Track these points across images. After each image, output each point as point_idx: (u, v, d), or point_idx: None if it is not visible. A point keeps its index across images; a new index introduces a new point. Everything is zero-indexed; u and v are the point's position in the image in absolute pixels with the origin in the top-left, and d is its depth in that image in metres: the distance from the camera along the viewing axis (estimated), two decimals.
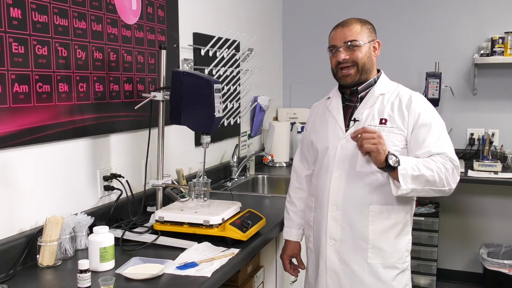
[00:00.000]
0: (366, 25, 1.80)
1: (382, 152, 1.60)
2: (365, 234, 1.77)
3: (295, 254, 2.06)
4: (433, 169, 1.64)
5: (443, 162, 1.67)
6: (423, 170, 1.63)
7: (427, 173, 1.63)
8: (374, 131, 1.62)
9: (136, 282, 1.50)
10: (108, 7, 2.02)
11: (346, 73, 1.79)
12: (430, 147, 1.70)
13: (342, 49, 1.77)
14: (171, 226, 1.87)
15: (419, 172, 1.62)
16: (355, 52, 1.76)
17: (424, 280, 3.62)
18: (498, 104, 3.70)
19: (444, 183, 1.66)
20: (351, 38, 1.76)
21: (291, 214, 2.05)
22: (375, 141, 1.59)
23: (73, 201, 1.88)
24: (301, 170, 2.04)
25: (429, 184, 1.65)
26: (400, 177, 1.61)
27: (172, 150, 2.51)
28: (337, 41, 1.79)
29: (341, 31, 1.78)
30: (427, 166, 1.64)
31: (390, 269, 1.78)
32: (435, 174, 1.64)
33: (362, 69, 1.78)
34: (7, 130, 1.57)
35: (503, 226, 3.74)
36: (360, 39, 1.76)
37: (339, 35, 1.78)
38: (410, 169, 1.62)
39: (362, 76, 1.80)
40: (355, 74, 1.79)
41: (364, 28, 1.78)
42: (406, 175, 1.61)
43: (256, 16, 3.64)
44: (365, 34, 1.78)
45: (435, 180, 1.64)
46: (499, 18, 3.63)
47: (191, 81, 1.89)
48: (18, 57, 1.61)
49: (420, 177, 1.63)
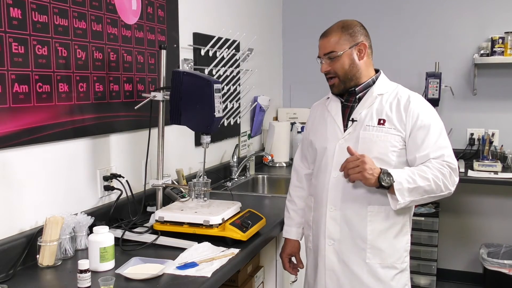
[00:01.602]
0: (348, 30, 1.78)
1: (369, 176, 1.63)
2: (363, 234, 1.77)
3: (294, 253, 2.06)
4: (429, 178, 1.65)
5: (439, 168, 1.68)
6: (419, 181, 1.65)
7: (424, 183, 1.65)
8: (357, 158, 1.65)
9: (136, 282, 1.50)
10: (108, 7, 2.02)
11: (331, 83, 1.84)
12: (428, 150, 1.71)
13: (324, 60, 1.81)
14: (171, 226, 1.87)
15: (415, 184, 1.64)
16: (334, 63, 1.78)
17: (424, 280, 3.62)
18: (498, 104, 3.70)
19: (442, 188, 1.67)
20: (329, 50, 1.78)
21: (291, 212, 2.05)
22: (359, 169, 1.63)
23: (73, 201, 1.88)
24: (301, 169, 2.04)
25: (427, 193, 1.67)
26: (397, 192, 1.63)
27: (172, 150, 2.51)
28: (320, 52, 1.82)
29: (322, 42, 1.82)
30: (422, 176, 1.65)
31: (388, 269, 1.78)
32: (432, 183, 1.65)
33: (345, 78, 1.80)
34: (7, 130, 1.57)
35: (503, 226, 3.74)
36: (338, 49, 1.77)
37: (321, 46, 1.82)
38: (405, 182, 1.64)
39: (347, 84, 1.81)
40: (339, 84, 1.82)
41: (344, 34, 1.77)
42: (402, 190, 1.64)
43: (256, 16, 3.64)
44: (344, 42, 1.77)
45: (432, 189, 1.66)
46: (499, 18, 3.63)
47: (191, 81, 1.89)
48: (18, 57, 1.61)
49: (417, 189, 1.65)
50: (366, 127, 1.77)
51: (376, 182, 1.64)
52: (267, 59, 3.88)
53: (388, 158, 1.74)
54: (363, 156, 1.65)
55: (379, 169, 1.64)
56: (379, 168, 1.65)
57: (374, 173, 1.63)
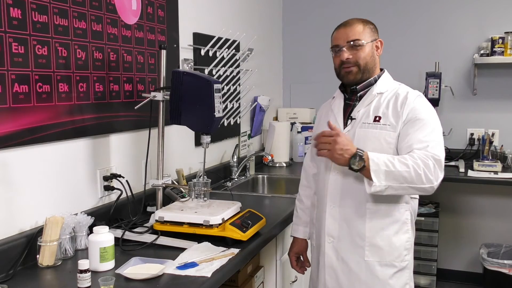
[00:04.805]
0: (368, 24, 1.81)
1: (338, 157, 1.61)
2: (362, 232, 1.77)
3: (301, 252, 2.07)
4: (408, 164, 1.60)
5: (423, 158, 1.62)
6: (398, 166, 1.60)
7: (402, 168, 1.59)
8: (331, 134, 1.63)
9: (136, 282, 1.50)
10: (108, 7, 2.02)
11: (348, 70, 1.79)
12: (413, 141, 1.67)
13: (345, 48, 1.78)
14: (171, 226, 1.87)
15: (393, 168, 1.59)
16: (358, 51, 1.77)
17: (424, 280, 3.62)
18: (498, 104, 3.70)
19: (423, 179, 1.60)
20: (354, 38, 1.77)
21: (299, 211, 2.07)
22: (329, 147, 1.62)
23: (73, 201, 1.88)
24: (310, 168, 2.06)
25: (406, 181, 1.60)
26: (372, 173, 1.59)
27: (172, 150, 2.51)
28: (340, 41, 1.79)
29: (344, 31, 1.80)
30: (402, 162, 1.61)
31: (387, 267, 1.78)
32: (411, 170, 1.59)
33: (364, 68, 1.79)
34: (7, 130, 1.57)
35: (503, 226, 3.74)
36: (363, 38, 1.77)
37: (342, 35, 1.80)
38: (383, 165, 1.60)
39: (364, 75, 1.81)
40: (357, 73, 1.80)
41: (366, 27, 1.80)
42: (378, 171, 1.59)
43: (256, 16, 3.64)
44: (367, 34, 1.79)
45: (412, 177, 1.60)
46: (499, 18, 3.63)
47: (191, 81, 1.89)
48: (18, 57, 1.61)
49: (394, 173, 1.59)
50: (362, 124, 1.78)
51: (347, 163, 1.61)
52: (267, 59, 3.88)
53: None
54: (337, 134, 1.62)
55: (353, 151, 1.61)
56: (354, 149, 1.61)
57: (345, 153, 1.60)
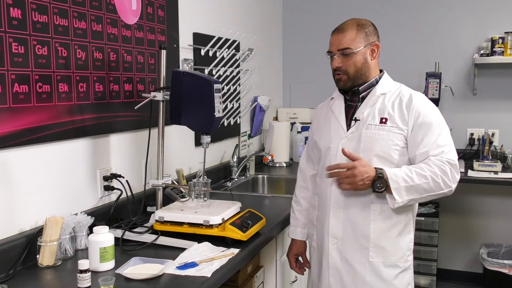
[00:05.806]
0: (364, 28, 1.79)
1: (361, 187, 1.68)
2: (366, 233, 1.77)
3: (300, 253, 2.07)
4: (426, 175, 1.66)
5: (439, 164, 1.68)
6: (416, 179, 1.66)
7: (421, 181, 1.66)
8: (348, 166, 1.69)
9: (136, 282, 1.50)
10: (108, 7, 2.02)
11: (339, 77, 1.83)
12: (428, 147, 1.71)
13: (336, 56, 1.79)
14: (171, 226, 1.87)
15: (412, 183, 1.66)
16: (348, 60, 1.78)
17: (424, 280, 3.62)
18: (498, 104, 3.70)
19: (442, 186, 1.68)
20: (344, 46, 1.77)
21: (296, 213, 2.06)
22: (349, 181, 1.68)
23: (73, 201, 1.88)
24: (307, 170, 2.05)
25: (426, 191, 1.68)
26: (394, 191, 1.66)
27: (172, 150, 2.51)
28: (333, 48, 1.81)
29: (337, 37, 1.80)
30: (420, 174, 1.67)
31: (391, 267, 1.79)
32: (430, 181, 1.66)
33: (355, 76, 1.80)
34: (7, 130, 1.57)
35: (503, 226, 3.74)
36: (354, 46, 1.76)
37: (334, 41, 1.80)
38: (402, 181, 1.66)
39: (355, 82, 1.82)
40: (347, 80, 1.81)
41: (361, 32, 1.77)
42: (399, 188, 1.66)
43: (256, 16, 3.64)
44: (360, 40, 1.77)
45: (431, 187, 1.67)
46: (499, 18, 3.63)
47: (191, 81, 1.89)
48: (18, 57, 1.61)
49: (414, 187, 1.67)
50: (368, 126, 1.77)
51: (370, 188, 1.68)
52: (267, 59, 3.88)
53: (390, 156, 1.74)
54: (354, 167, 1.67)
55: (373, 174, 1.67)
56: (373, 171, 1.68)
57: (367, 180, 1.67)
